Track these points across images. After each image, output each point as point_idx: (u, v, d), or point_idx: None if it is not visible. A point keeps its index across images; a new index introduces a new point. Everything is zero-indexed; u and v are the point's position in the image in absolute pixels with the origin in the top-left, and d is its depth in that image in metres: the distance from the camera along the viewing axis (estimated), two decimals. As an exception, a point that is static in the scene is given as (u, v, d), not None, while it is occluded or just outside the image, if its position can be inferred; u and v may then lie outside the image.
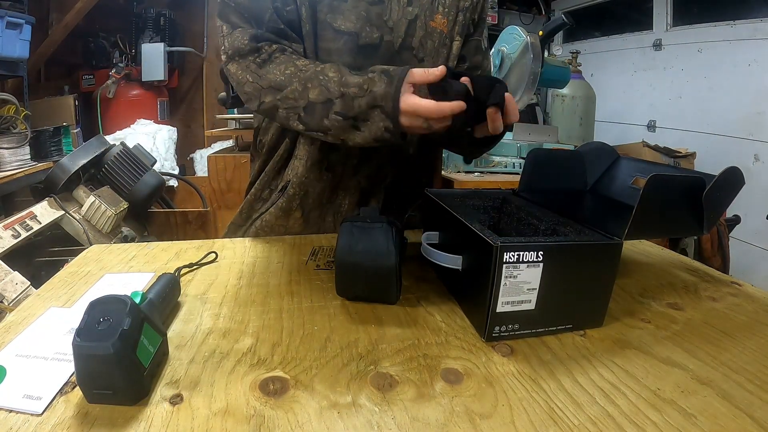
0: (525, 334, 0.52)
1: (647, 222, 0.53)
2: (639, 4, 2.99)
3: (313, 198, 0.87)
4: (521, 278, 0.49)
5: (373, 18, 0.78)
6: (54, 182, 1.87)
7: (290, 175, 0.86)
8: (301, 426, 0.38)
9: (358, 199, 0.88)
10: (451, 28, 0.84)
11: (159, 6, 3.49)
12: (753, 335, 0.53)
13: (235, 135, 2.34)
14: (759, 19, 2.29)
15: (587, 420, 0.39)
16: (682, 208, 0.56)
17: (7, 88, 2.60)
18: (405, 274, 0.67)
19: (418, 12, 0.80)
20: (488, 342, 0.51)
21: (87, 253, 0.77)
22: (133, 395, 0.40)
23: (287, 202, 0.87)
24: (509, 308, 0.49)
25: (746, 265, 2.28)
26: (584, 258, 0.51)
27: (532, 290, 0.49)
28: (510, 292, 0.49)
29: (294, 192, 0.86)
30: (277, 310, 0.58)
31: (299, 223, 0.88)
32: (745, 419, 0.39)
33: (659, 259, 0.79)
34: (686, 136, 2.66)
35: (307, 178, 0.85)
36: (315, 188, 0.86)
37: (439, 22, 0.82)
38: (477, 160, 1.70)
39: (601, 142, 0.81)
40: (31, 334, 0.51)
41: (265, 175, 0.89)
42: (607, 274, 0.53)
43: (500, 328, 0.50)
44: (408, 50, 0.81)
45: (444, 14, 0.82)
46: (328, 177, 0.85)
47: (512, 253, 0.47)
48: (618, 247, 0.52)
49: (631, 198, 0.73)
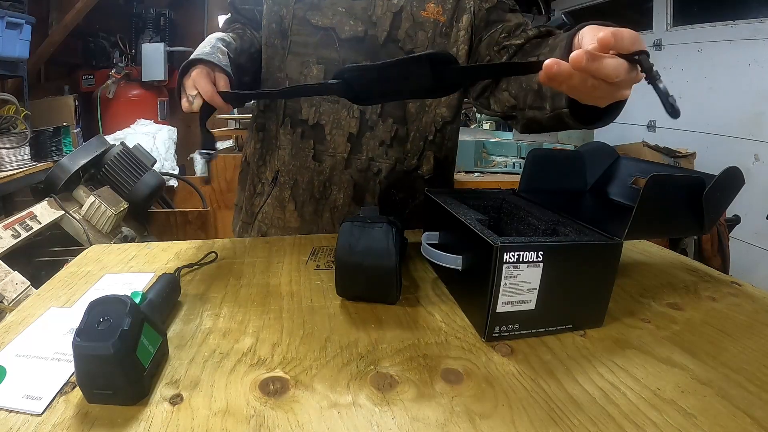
0: (525, 334, 0.52)
1: (647, 222, 0.53)
2: (639, 4, 2.99)
3: (303, 188, 0.87)
4: (521, 278, 0.48)
5: (357, 12, 0.80)
6: (54, 182, 1.87)
7: (278, 164, 0.88)
8: (301, 426, 0.38)
9: (353, 195, 0.88)
10: (451, 17, 0.82)
11: (159, 6, 3.50)
12: (753, 335, 0.53)
13: (235, 135, 2.35)
14: (759, 19, 2.28)
15: (587, 420, 0.39)
16: (682, 208, 0.56)
17: (7, 88, 2.60)
18: (405, 274, 0.67)
19: (403, 3, 0.80)
20: (488, 342, 0.51)
21: (87, 253, 0.77)
22: (133, 395, 0.40)
23: (280, 191, 0.88)
24: (509, 308, 0.49)
25: (746, 265, 2.28)
26: (584, 258, 0.51)
27: (532, 290, 0.49)
28: (510, 292, 0.49)
29: (284, 180, 0.87)
30: (277, 310, 0.58)
31: (294, 217, 0.88)
32: (745, 419, 0.39)
33: (659, 259, 0.79)
34: (686, 136, 2.66)
35: (294, 165, 0.86)
36: (303, 177, 0.87)
37: (432, 11, 0.81)
38: (477, 159, 1.70)
39: (601, 142, 0.81)
40: (31, 334, 0.51)
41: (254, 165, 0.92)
42: (607, 274, 0.53)
43: (500, 328, 0.50)
44: (393, 43, 0.81)
45: (438, 2, 0.81)
46: (316, 166, 0.86)
47: (512, 253, 0.47)
48: (618, 247, 0.52)
49: (631, 198, 0.73)
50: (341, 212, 0.88)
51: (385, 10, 0.80)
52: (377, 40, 0.81)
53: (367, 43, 0.81)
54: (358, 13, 0.80)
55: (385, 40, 0.81)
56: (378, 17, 0.80)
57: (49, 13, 3.12)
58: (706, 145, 2.50)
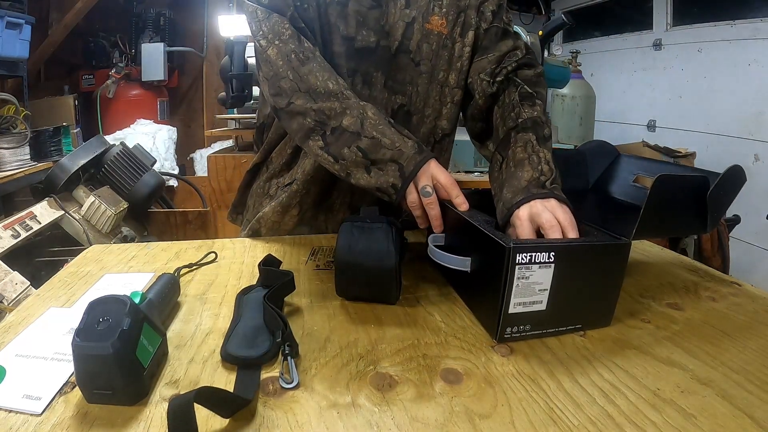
0: (536, 335, 0.51)
1: (654, 221, 0.53)
2: (639, 3, 2.99)
3: (314, 197, 0.86)
4: (533, 279, 0.49)
5: (370, 22, 0.76)
6: (54, 182, 1.87)
7: (298, 172, 0.85)
8: (301, 426, 0.38)
9: (350, 200, 0.88)
10: (452, 29, 0.81)
11: (159, 6, 3.50)
12: (753, 335, 0.53)
13: (235, 135, 2.34)
14: (759, 19, 2.29)
15: (587, 420, 0.39)
16: (686, 207, 0.56)
17: (7, 88, 2.60)
18: (405, 274, 0.67)
19: (415, 14, 0.78)
20: (500, 343, 0.51)
21: (87, 253, 0.77)
22: (133, 395, 0.40)
23: (288, 198, 0.86)
24: (521, 309, 0.49)
25: (746, 265, 2.28)
26: (594, 258, 0.52)
27: (544, 291, 0.49)
28: (522, 293, 0.49)
29: (297, 189, 0.85)
30: (276, 310, 0.58)
31: (294, 220, 0.87)
32: (745, 419, 0.39)
33: (659, 259, 0.79)
34: (686, 136, 2.66)
35: (313, 176, 0.84)
36: (317, 187, 0.85)
37: (436, 23, 0.79)
38: (477, 159, 1.70)
39: (601, 141, 0.81)
40: (31, 334, 0.51)
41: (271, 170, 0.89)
42: (615, 273, 0.53)
43: (512, 329, 0.50)
44: (405, 53, 0.79)
45: (442, 15, 0.79)
46: (330, 177, 0.85)
47: (525, 255, 0.48)
48: (627, 246, 0.52)
49: (633, 196, 0.73)
50: (336, 215, 0.89)
51: (397, 19, 0.78)
52: (389, 50, 0.78)
53: (380, 53, 0.78)
54: (370, 23, 0.76)
55: (396, 50, 0.78)
56: (390, 26, 0.77)
57: (49, 13, 3.12)
58: (706, 145, 2.50)
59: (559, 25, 1.50)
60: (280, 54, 0.70)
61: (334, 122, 0.69)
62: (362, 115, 0.68)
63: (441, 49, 0.80)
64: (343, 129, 0.68)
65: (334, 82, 0.70)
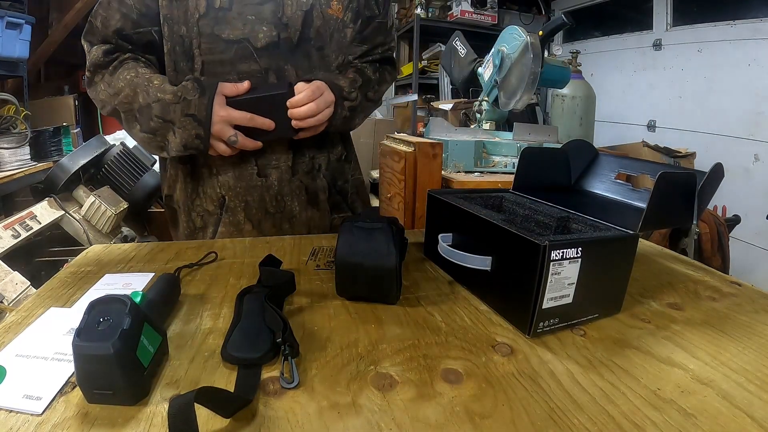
0: (563, 327, 0.54)
1: (656, 215, 0.57)
2: (639, 4, 2.99)
3: (256, 207, 0.85)
4: (564, 274, 0.51)
5: (267, 16, 0.77)
6: (54, 182, 1.87)
7: (221, 191, 0.85)
8: (302, 426, 0.38)
9: (307, 199, 0.88)
10: (344, 14, 0.84)
11: (159, 6, 3.49)
12: (753, 335, 0.53)
13: (235, 135, 2.35)
14: (759, 19, 2.29)
15: (587, 420, 0.39)
16: (680, 201, 0.61)
17: (7, 88, 2.60)
18: (405, 274, 0.67)
19: (313, 1, 0.80)
20: (532, 338, 0.52)
21: (87, 253, 0.77)
22: (133, 395, 0.40)
23: (232, 216, 0.85)
24: (553, 304, 0.51)
25: (746, 265, 2.28)
26: (611, 251, 0.55)
27: (571, 284, 0.52)
28: (554, 288, 0.51)
29: (234, 205, 0.85)
30: (277, 310, 0.58)
31: (254, 234, 0.86)
32: (745, 419, 0.39)
33: (659, 259, 0.79)
34: (686, 136, 2.66)
35: (240, 187, 0.84)
36: (253, 196, 0.85)
37: (335, 8, 0.83)
38: (477, 159, 1.70)
39: (582, 140, 0.83)
40: (31, 334, 0.51)
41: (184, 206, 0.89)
42: (626, 263, 0.57)
43: (544, 323, 0.52)
44: (307, 42, 0.81)
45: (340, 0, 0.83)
46: (263, 182, 0.84)
47: (558, 251, 0.49)
48: (636, 239, 0.56)
49: (616, 192, 0.76)
50: (300, 219, 0.88)
51: (295, 9, 0.78)
52: (291, 41, 0.79)
53: (283, 46, 0.79)
54: (268, 18, 0.77)
55: (299, 40, 0.79)
56: (288, 17, 0.78)
57: (49, 13, 3.12)
58: (706, 145, 2.50)
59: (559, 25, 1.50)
60: (100, 79, 0.79)
61: (135, 105, 0.75)
62: (148, 87, 0.74)
63: (335, 32, 0.84)
64: (141, 107, 0.74)
65: (132, 73, 0.76)
